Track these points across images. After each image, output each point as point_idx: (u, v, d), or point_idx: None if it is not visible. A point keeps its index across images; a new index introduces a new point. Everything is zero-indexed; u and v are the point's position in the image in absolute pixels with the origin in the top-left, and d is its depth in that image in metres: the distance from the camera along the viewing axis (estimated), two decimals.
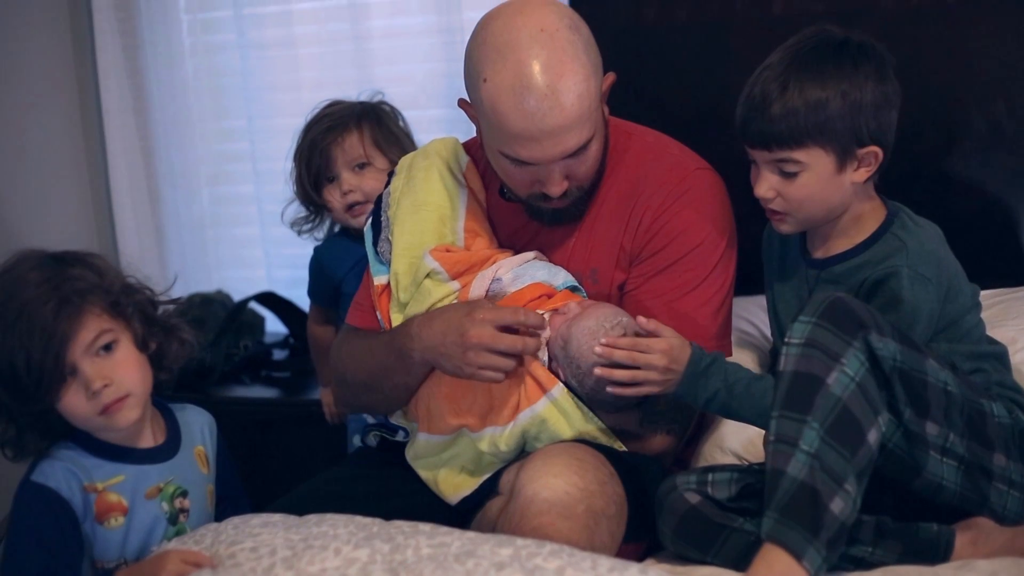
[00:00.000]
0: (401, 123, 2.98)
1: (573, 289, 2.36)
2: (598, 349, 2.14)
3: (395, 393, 2.38)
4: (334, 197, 2.90)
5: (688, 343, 2.15)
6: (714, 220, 2.35)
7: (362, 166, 2.87)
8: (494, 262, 2.39)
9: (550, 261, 2.41)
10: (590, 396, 2.24)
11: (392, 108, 2.99)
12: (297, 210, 3.01)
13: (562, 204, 2.32)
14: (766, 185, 2.17)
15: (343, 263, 2.92)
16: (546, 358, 2.26)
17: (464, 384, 2.27)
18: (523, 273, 2.36)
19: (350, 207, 2.89)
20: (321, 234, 3.05)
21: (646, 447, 2.35)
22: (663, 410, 2.31)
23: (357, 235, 2.81)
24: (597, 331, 2.19)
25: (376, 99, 3.00)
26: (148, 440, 2.20)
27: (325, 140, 2.88)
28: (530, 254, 2.40)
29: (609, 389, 2.16)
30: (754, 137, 2.15)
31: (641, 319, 2.16)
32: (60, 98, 3.88)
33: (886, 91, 2.14)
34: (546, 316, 2.27)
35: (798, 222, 2.21)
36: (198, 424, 2.30)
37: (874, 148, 2.14)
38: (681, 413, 2.34)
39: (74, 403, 2.07)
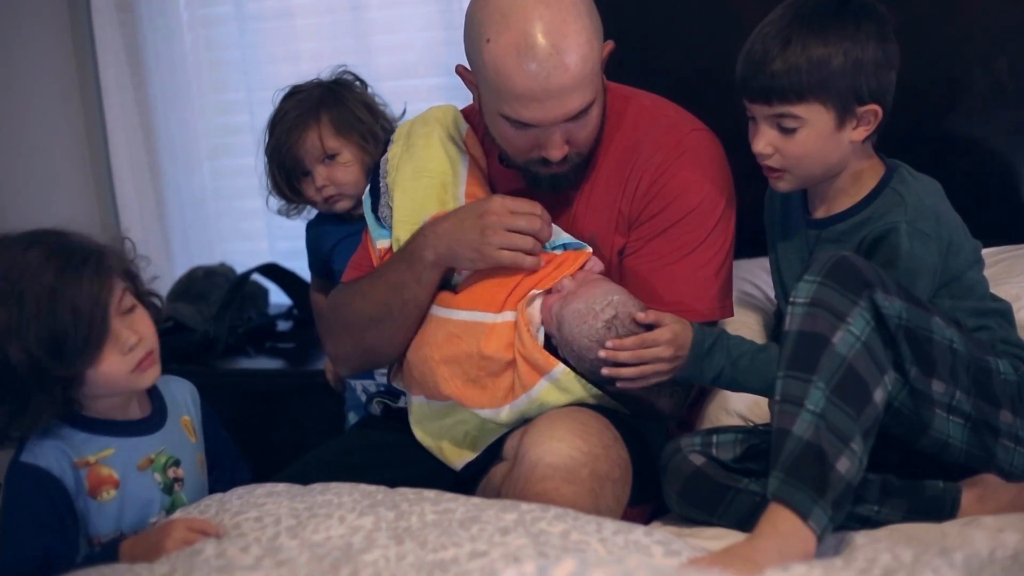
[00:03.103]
0: (367, 94, 2.93)
1: (567, 246, 2.33)
2: (602, 353, 2.14)
3: (404, 313, 2.34)
4: (311, 191, 2.88)
5: (689, 325, 2.15)
6: (712, 181, 2.34)
7: (331, 157, 2.85)
8: None
9: None
10: (590, 373, 2.23)
11: (355, 80, 2.94)
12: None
13: (560, 170, 2.31)
14: (764, 141, 2.17)
15: (327, 242, 2.92)
16: (542, 336, 2.25)
17: (454, 351, 2.26)
18: None
19: (327, 199, 2.88)
20: (313, 212, 3.04)
21: (650, 410, 2.34)
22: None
23: (340, 216, 2.85)
24: (587, 314, 2.18)
25: (338, 72, 2.96)
26: (135, 412, 2.19)
27: (288, 142, 2.85)
28: None
29: (619, 385, 2.16)
30: (754, 92, 2.14)
31: (639, 315, 2.16)
32: (58, 75, 3.86)
33: (887, 50, 2.14)
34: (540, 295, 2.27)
35: (795, 179, 2.20)
36: (181, 394, 2.30)
37: (874, 107, 2.13)
38: (686, 382, 2.33)
39: (112, 363, 2.07)
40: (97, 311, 2.03)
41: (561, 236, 2.33)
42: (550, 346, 2.25)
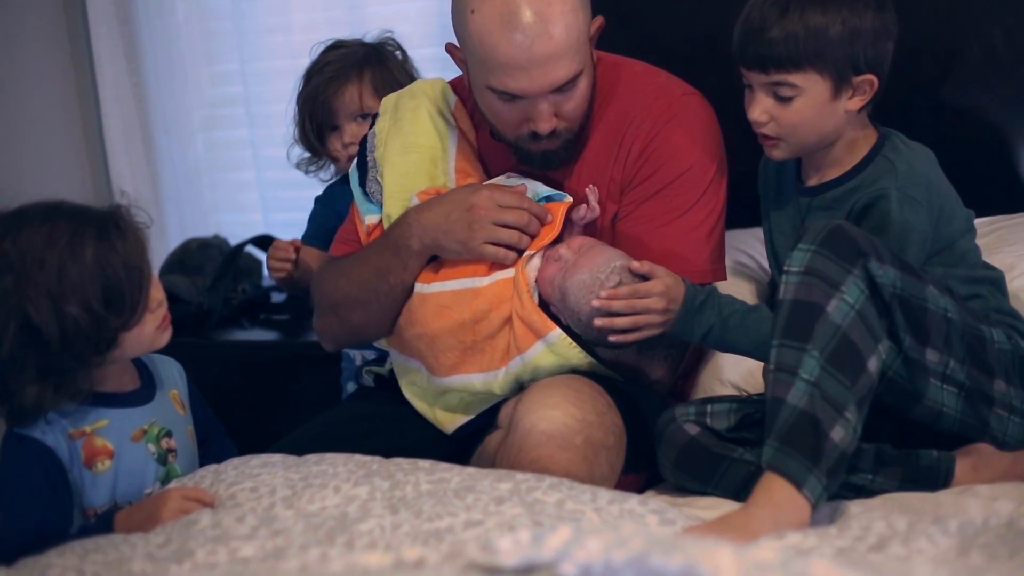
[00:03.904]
0: (408, 63, 2.95)
1: (549, 198, 2.32)
2: (596, 303, 2.14)
3: (391, 297, 2.35)
4: (337, 146, 2.88)
5: (682, 280, 2.15)
6: (703, 144, 2.35)
7: (365, 116, 2.84)
8: None
9: None
10: (595, 340, 2.23)
11: (399, 47, 2.96)
12: (302, 151, 2.99)
13: (551, 146, 2.31)
14: (760, 108, 2.17)
15: (342, 210, 2.91)
16: (537, 297, 2.25)
17: (447, 322, 2.26)
18: None
19: (351, 158, 2.86)
20: (327, 175, 3.03)
21: (643, 376, 2.35)
22: (660, 337, 2.31)
23: None
24: (593, 284, 2.18)
25: (383, 37, 2.96)
26: (126, 384, 2.20)
27: (326, 92, 2.85)
28: (502, 176, 2.39)
29: (612, 338, 2.16)
30: (751, 59, 2.14)
31: (634, 263, 2.16)
32: (51, 48, 3.85)
33: (885, 20, 2.14)
34: (537, 259, 2.27)
35: (790, 148, 2.20)
36: (167, 370, 2.30)
37: (870, 76, 2.14)
38: (678, 339, 2.33)
39: (146, 319, 2.10)
40: (143, 263, 2.08)
41: (541, 189, 2.33)
42: (544, 306, 2.25)
